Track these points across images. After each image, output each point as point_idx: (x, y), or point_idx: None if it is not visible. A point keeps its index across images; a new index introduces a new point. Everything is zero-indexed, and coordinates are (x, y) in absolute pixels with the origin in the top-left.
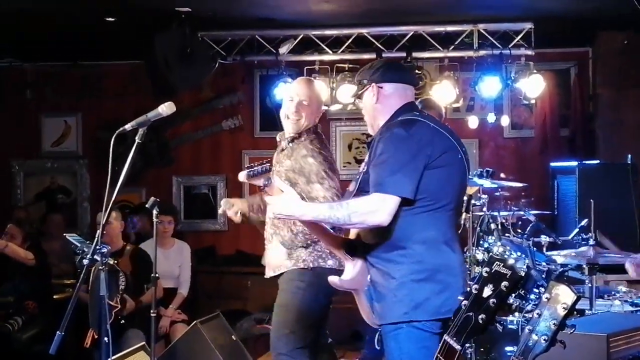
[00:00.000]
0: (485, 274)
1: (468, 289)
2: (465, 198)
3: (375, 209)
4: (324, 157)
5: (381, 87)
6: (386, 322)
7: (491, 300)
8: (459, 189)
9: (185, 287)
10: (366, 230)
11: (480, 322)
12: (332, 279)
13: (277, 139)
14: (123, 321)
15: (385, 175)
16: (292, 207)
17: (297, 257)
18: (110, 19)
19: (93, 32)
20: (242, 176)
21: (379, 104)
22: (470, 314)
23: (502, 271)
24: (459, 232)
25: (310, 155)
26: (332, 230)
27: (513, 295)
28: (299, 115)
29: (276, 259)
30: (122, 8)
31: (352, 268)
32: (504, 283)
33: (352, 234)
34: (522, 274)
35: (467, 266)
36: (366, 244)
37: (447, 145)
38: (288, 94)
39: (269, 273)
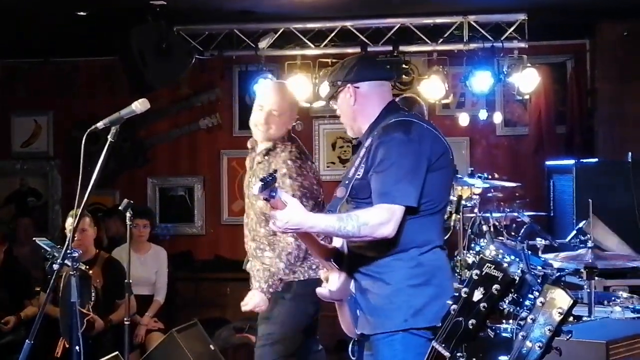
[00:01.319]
0: (475, 277)
1: (457, 292)
2: (454, 198)
3: (386, 220)
4: (303, 178)
5: (358, 87)
6: (382, 332)
7: (482, 305)
8: (450, 190)
9: (162, 294)
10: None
11: (471, 327)
12: (321, 291)
13: (249, 145)
14: (91, 341)
15: (390, 184)
16: (300, 218)
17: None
18: (81, 13)
19: (64, 27)
20: (256, 190)
21: (357, 105)
22: (460, 319)
23: (493, 274)
24: (448, 234)
25: (288, 175)
26: (319, 239)
27: (506, 300)
28: (268, 126)
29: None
30: (94, 1)
31: (338, 278)
32: (495, 286)
33: (337, 242)
34: (514, 276)
35: (458, 270)
36: (354, 252)
37: (443, 147)
38: (257, 101)
39: (254, 285)
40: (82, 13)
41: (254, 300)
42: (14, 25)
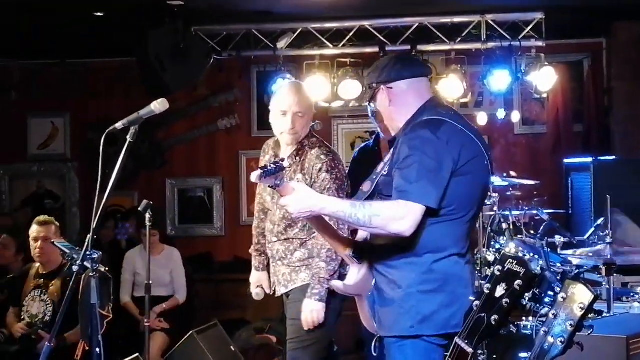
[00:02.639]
0: (497, 273)
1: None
2: None
3: (400, 216)
4: (337, 171)
5: (391, 88)
6: (390, 335)
7: (504, 300)
8: (481, 197)
9: (182, 293)
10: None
11: (493, 323)
12: (336, 284)
13: (265, 149)
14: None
15: (410, 181)
16: (311, 201)
17: (316, 269)
18: (98, 14)
19: (81, 28)
20: (254, 177)
21: (392, 105)
22: (483, 314)
23: (515, 269)
24: None
25: (325, 169)
26: (340, 232)
27: (527, 296)
28: (296, 129)
29: (291, 273)
30: (111, 2)
31: (357, 273)
32: (518, 282)
33: (360, 237)
34: (537, 271)
35: (478, 268)
36: (374, 248)
37: (475, 151)
38: (279, 106)
39: (280, 290)
40: (99, 14)
41: (312, 310)
42: (31, 26)
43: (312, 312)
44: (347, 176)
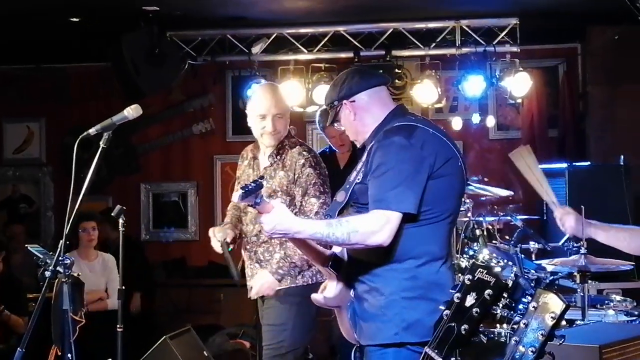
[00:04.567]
0: (467, 282)
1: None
2: None
3: (377, 228)
4: (321, 167)
5: (354, 102)
6: (374, 343)
7: (474, 310)
8: (458, 199)
9: (114, 300)
10: None
11: (464, 332)
12: (315, 297)
13: (244, 155)
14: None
15: (387, 189)
16: (288, 224)
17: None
18: (74, 19)
19: (57, 33)
20: (236, 197)
21: (357, 119)
22: (453, 324)
23: (486, 279)
24: None
25: (308, 165)
26: (318, 246)
27: (500, 305)
28: (277, 130)
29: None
30: (87, 8)
31: (336, 285)
32: (488, 291)
33: (336, 248)
34: (507, 281)
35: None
36: (353, 258)
37: (449, 153)
38: (257, 110)
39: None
40: (75, 19)
41: (264, 282)
42: (6, 31)
43: (265, 284)
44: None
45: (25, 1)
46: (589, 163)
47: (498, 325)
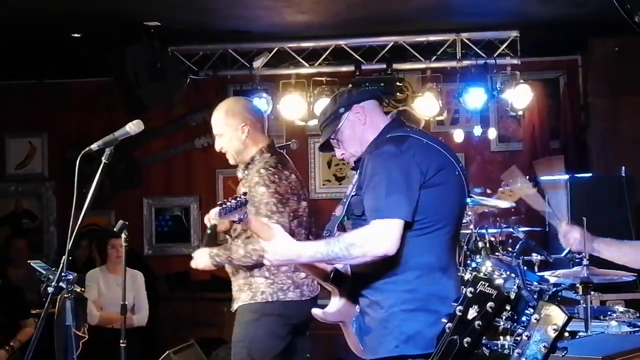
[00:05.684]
0: (469, 295)
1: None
2: None
3: (377, 238)
4: (276, 185)
5: (363, 107)
6: (376, 357)
7: (476, 323)
8: (457, 209)
9: (144, 316)
10: None
11: (466, 345)
12: (315, 312)
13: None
14: None
15: (381, 198)
16: (288, 250)
17: (255, 289)
18: (76, 35)
19: (59, 49)
20: (213, 214)
21: (368, 120)
22: (455, 337)
23: (488, 291)
24: None
25: (262, 183)
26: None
27: (503, 317)
28: (224, 150)
29: (237, 292)
30: (89, 23)
31: (338, 300)
32: (490, 304)
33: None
34: (509, 293)
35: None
36: (355, 273)
37: (443, 162)
38: None
39: (233, 306)
40: (76, 35)
41: (200, 258)
42: (8, 46)
43: (199, 259)
44: (297, 192)
45: (27, 17)
46: (590, 174)
47: (501, 338)
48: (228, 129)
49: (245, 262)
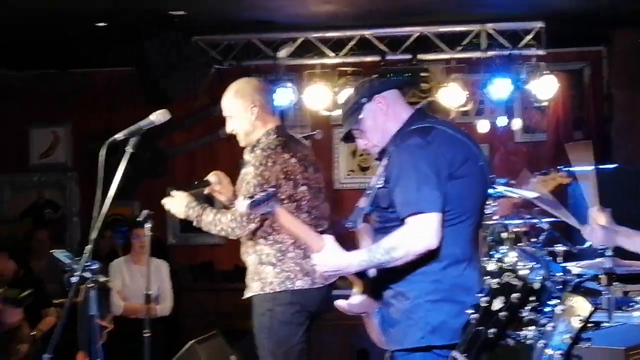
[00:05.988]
0: (495, 286)
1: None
2: None
3: (416, 235)
4: (264, 168)
5: (385, 97)
6: (401, 348)
7: (502, 314)
8: (480, 200)
9: (168, 305)
10: None
11: (491, 336)
12: (339, 303)
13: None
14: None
15: (412, 191)
16: (337, 262)
17: (264, 279)
18: (100, 24)
19: (83, 38)
20: (243, 206)
21: (390, 114)
22: (481, 328)
23: (513, 282)
24: None
25: (252, 164)
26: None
27: (527, 308)
28: (235, 132)
29: (249, 280)
30: (113, 13)
31: (362, 291)
32: (515, 295)
33: None
34: (534, 284)
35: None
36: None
37: (468, 153)
38: None
39: (245, 294)
40: (100, 24)
41: (175, 199)
42: (33, 36)
43: (173, 202)
44: (292, 177)
45: (51, 6)
46: (614, 166)
47: (525, 328)
48: (238, 110)
49: (208, 229)
